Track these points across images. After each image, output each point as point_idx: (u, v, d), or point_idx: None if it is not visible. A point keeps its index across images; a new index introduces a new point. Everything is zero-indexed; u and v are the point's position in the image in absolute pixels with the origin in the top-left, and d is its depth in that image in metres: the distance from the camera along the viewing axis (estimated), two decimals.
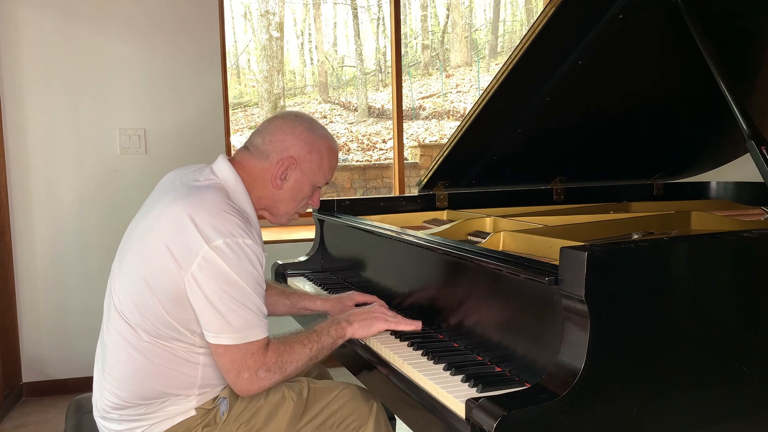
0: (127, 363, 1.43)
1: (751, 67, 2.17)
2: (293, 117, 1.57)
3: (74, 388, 3.19)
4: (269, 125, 1.55)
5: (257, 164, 1.52)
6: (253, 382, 1.39)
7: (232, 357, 1.37)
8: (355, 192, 9.63)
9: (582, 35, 1.87)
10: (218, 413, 1.48)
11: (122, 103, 3.33)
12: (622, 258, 1.11)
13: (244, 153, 1.55)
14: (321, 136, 1.56)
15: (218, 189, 1.44)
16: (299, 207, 1.60)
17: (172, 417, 1.45)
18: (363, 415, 1.56)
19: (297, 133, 1.53)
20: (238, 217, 1.39)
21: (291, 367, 1.43)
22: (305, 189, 1.56)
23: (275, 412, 1.51)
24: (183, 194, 1.41)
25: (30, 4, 3.20)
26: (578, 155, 2.40)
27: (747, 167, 1.87)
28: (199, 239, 1.33)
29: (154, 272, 1.37)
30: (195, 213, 1.36)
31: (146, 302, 1.39)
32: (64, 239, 3.31)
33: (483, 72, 13.28)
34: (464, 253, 1.42)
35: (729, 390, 1.21)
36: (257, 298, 1.39)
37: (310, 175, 1.55)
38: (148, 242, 1.40)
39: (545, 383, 1.08)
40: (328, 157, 1.57)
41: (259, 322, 1.39)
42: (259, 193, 1.53)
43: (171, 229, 1.37)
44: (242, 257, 1.35)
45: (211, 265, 1.33)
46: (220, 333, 1.36)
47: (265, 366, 1.39)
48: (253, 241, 1.38)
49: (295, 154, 1.51)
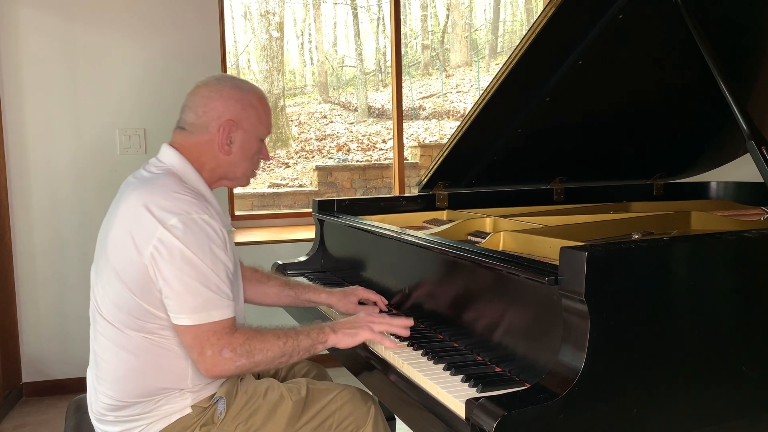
0: (117, 364, 1.44)
1: (751, 67, 2.17)
2: (215, 81, 1.56)
3: (74, 388, 3.18)
4: (195, 98, 1.55)
5: (200, 139, 1.52)
6: (217, 362, 1.36)
7: (192, 334, 1.36)
8: (355, 192, 9.63)
9: (582, 35, 1.87)
10: (216, 413, 1.48)
11: (122, 103, 3.33)
12: (622, 258, 1.11)
13: (183, 134, 1.54)
14: (248, 90, 1.57)
15: (168, 174, 1.46)
16: (254, 164, 1.61)
17: (168, 415, 1.45)
18: (361, 417, 1.56)
19: (225, 95, 1.53)
20: (191, 195, 1.41)
21: (260, 355, 1.40)
22: (253, 145, 1.57)
23: (274, 412, 1.51)
24: (135, 188, 1.44)
25: (30, 4, 3.20)
26: (578, 155, 2.40)
27: (747, 167, 1.87)
28: (154, 222, 1.35)
29: (121, 263, 1.39)
30: (148, 200, 1.38)
31: (122, 296, 1.40)
32: (64, 239, 3.31)
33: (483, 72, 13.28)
34: (464, 253, 1.42)
35: (729, 390, 1.21)
36: (217, 277, 1.37)
37: (253, 131, 1.55)
38: (112, 238, 1.42)
39: (545, 383, 1.08)
40: (262, 106, 1.57)
41: (219, 302, 1.37)
42: (212, 166, 1.53)
43: (129, 219, 1.39)
44: (198, 233, 1.36)
45: (166, 245, 1.34)
46: (179, 313, 1.36)
47: (230, 346, 1.37)
48: (209, 216, 1.39)
49: (231, 116, 1.51)
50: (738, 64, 2.06)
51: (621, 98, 2.17)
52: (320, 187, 9.73)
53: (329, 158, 11.27)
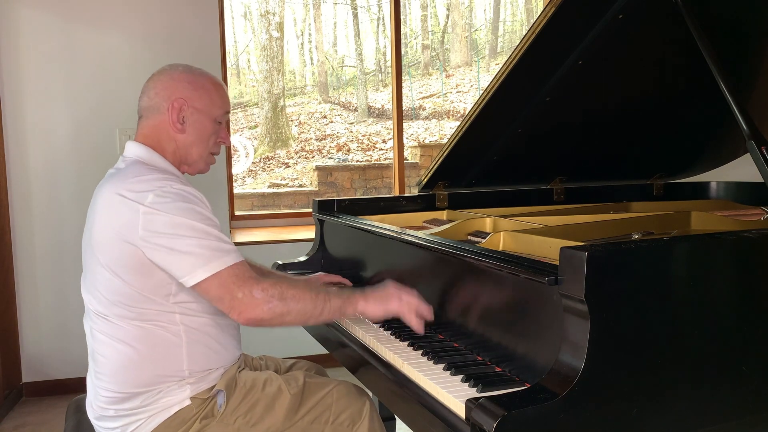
0: (114, 357, 1.46)
1: (751, 67, 2.17)
2: (168, 67, 1.60)
3: (74, 388, 3.18)
4: (148, 83, 1.58)
5: (154, 121, 1.55)
6: (250, 302, 1.37)
7: (218, 284, 1.37)
8: (355, 192, 9.63)
9: (582, 35, 1.87)
10: (215, 406, 1.49)
11: (122, 103, 3.33)
12: (622, 258, 1.11)
13: (141, 122, 1.58)
14: (200, 73, 1.59)
15: (135, 164, 1.51)
16: (211, 146, 1.61)
17: (167, 408, 1.46)
18: (357, 411, 1.58)
19: (176, 76, 1.56)
20: (161, 173, 1.46)
21: (292, 302, 1.40)
22: (207, 126, 1.57)
23: (272, 405, 1.53)
24: (106, 182, 1.49)
25: (30, 4, 3.20)
26: (578, 155, 2.40)
27: (747, 167, 1.87)
28: (133, 204, 1.38)
29: (111, 256, 1.41)
30: (120, 188, 1.42)
31: (115, 288, 1.42)
32: (64, 239, 3.31)
33: (483, 72, 13.29)
34: (464, 253, 1.42)
35: (729, 390, 1.21)
36: (212, 229, 1.40)
37: (206, 111, 1.56)
38: (96, 236, 1.45)
39: (545, 383, 1.07)
40: (215, 89, 1.59)
41: (227, 248, 1.40)
42: (171, 149, 1.56)
43: (107, 213, 1.43)
44: (177, 200, 1.39)
45: (153, 221, 1.37)
46: (193, 271, 1.37)
47: (260, 286, 1.38)
48: (183, 184, 1.43)
49: (182, 95, 1.53)
50: (738, 64, 2.06)
51: (621, 98, 2.17)
52: (320, 187, 9.73)
53: (329, 158, 11.27)
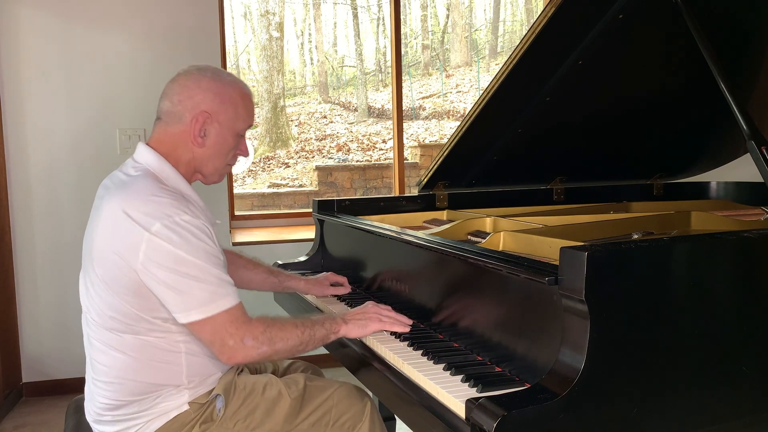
0: (112, 365, 1.44)
1: (751, 67, 2.17)
2: (195, 70, 1.50)
3: (74, 388, 3.18)
4: (173, 85, 1.49)
5: (173, 130, 1.48)
6: (240, 349, 1.37)
7: (210, 329, 1.36)
8: (355, 192, 9.64)
9: (582, 35, 1.87)
10: (214, 410, 1.48)
11: (122, 103, 3.33)
12: (622, 258, 1.11)
13: (159, 125, 1.51)
14: (229, 83, 1.51)
15: (145, 176, 1.43)
16: (228, 160, 1.56)
17: (166, 413, 1.45)
18: (358, 413, 1.57)
19: (203, 85, 1.47)
20: (170, 197, 1.38)
21: (280, 343, 1.42)
22: (229, 141, 1.52)
23: (272, 410, 1.52)
24: (114, 193, 1.42)
25: (30, 4, 3.20)
26: (578, 155, 2.40)
27: (747, 167, 1.87)
28: (138, 229, 1.33)
29: (110, 274, 1.38)
30: (127, 206, 1.36)
31: (113, 304, 1.40)
32: (64, 239, 3.31)
33: (483, 72, 13.29)
34: (464, 253, 1.42)
35: (729, 390, 1.21)
36: (214, 269, 1.37)
37: (229, 125, 1.50)
38: (96, 248, 1.41)
39: (545, 383, 1.08)
40: (242, 101, 1.52)
41: (224, 291, 1.37)
42: (186, 159, 1.50)
43: (111, 229, 1.37)
44: (184, 234, 1.34)
45: (156, 251, 1.33)
46: (188, 311, 1.35)
47: (251, 334, 1.38)
48: (191, 216, 1.37)
49: (207, 107, 1.46)
50: (738, 64, 2.06)
51: (621, 98, 2.17)
52: (320, 187, 9.73)
53: (329, 158, 11.28)
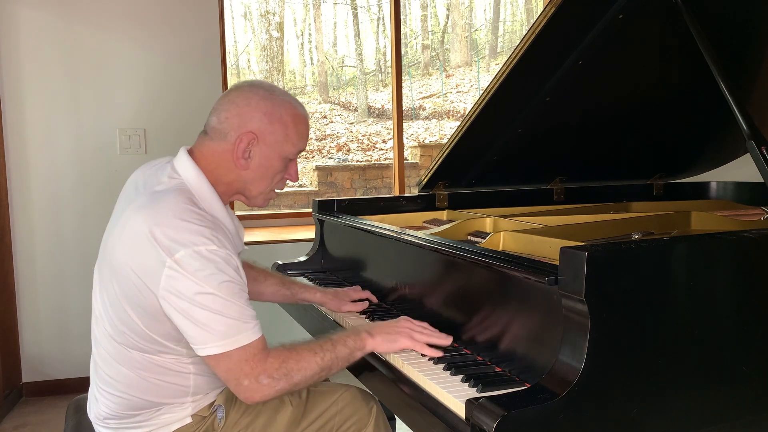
0: (117, 378, 1.40)
1: (751, 67, 2.17)
2: (248, 87, 1.42)
3: (74, 388, 3.18)
4: (223, 100, 1.41)
5: (217, 147, 1.39)
6: (256, 390, 1.29)
7: (225, 366, 1.28)
8: (355, 192, 9.63)
9: (582, 35, 1.87)
10: (215, 420, 1.46)
11: (122, 103, 3.33)
12: (622, 258, 1.11)
13: (204, 138, 1.42)
14: (281, 102, 1.41)
15: (179, 192, 1.34)
16: (274, 184, 1.46)
17: (168, 425, 1.43)
18: (363, 418, 1.56)
19: (253, 104, 1.38)
20: (200, 222, 1.29)
21: (298, 375, 1.32)
22: (275, 164, 1.42)
23: (273, 418, 1.50)
24: (144, 204, 1.33)
25: (30, 4, 3.20)
26: (578, 155, 2.40)
27: (747, 167, 1.87)
28: (161, 254, 1.25)
29: (127, 291, 1.32)
30: (155, 225, 1.27)
31: (125, 319, 1.35)
32: (64, 239, 3.31)
33: (483, 72, 13.29)
34: (464, 253, 1.42)
35: (729, 390, 1.21)
36: (235, 303, 1.28)
37: (277, 148, 1.40)
38: (117, 262, 1.33)
39: (545, 383, 1.08)
40: (293, 124, 1.42)
41: (244, 326, 1.28)
42: (227, 179, 1.41)
43: (134, 246, 1.29)
44: (207, 265, 1.26)
45: (178, 281, 1.25)
46: (205, 344, 1.27)
47: (266, 372, 1.29)
48: (218, 246, 1.28)
49: (254, 127, 1.37)
50: (738, 64, 2.06)
51: (621, 98, 2.17)
52: (320, 187, 9.73)
53: (329, 158, 11.27)
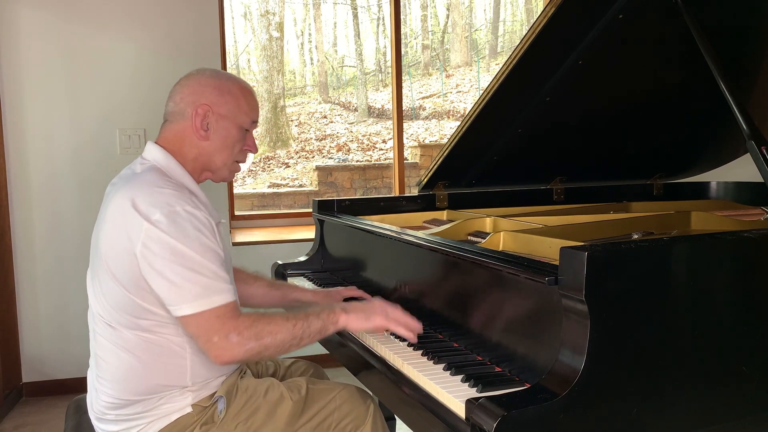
0: (117, 364, 1.44)
1: (751, 67, 2.17)
2: (195, 71, 1.58)
3: (74, 388, 3.18)
4: (175, 87, 1.57)
5: (178, 127, 1.53)
6: (225, 347, 1.35)
7: (197, 324, 1.35)
8: (355, 192, 9.63)
9: (582, 35, 1.87)
10: (216, 412, 1.48)
11: (122, 103, 3.33)
12: (622, 258, 1.11)
13: (164, 125, 1.56)
14: (228, 78, 1.57)
15: (152, 170, 1.47)
16: (235, 154, 1.57)
17: (168, 414, 1.45)
18: (360, 416, 1.57)
19: (203, 81, 1.53)
20: (174, 188, 1.41)
21: (269, 338, 1.38)
22: (233, 133, 1.54)
23: (273, 412, 1.52)
24: (121, 186, 1.44)
25: (30, 4, 3.20)
26: (578, 155, 2.40)
27: (747, 167, 1.87)
28: (139, 218, 1.35)
29: (114, 261, 1.39)
30: (133, 195, 1.38)
31: (117, 295, 1.40)
32: (64, 239, 3.31)
33: (483, 72, 13.28)
34: (464, 253, 1.42)
35: (729, 390, 1.21)
36: (209, 263, 1.36)
37: (232, 117, 1.53)
38: (104, 238, 1.42)
39: (545, 383, 1.08)
40: (243, 95, 1.55)
41: (218, 286, 1.36)
42: (193, 155, 1.53)
43: (118, 218, 1.39)
44: (182, 224, 1.35)
45: (154, 240, 1.34)
46: (179, 304, 1.35)
47: (236, 330, 1.35)
48: (193, 207, 1.39)
49: (207, 100, 1.51)
50: (738, 64, 2.06)
51: (621, 98, 2.17)
52: (320, 187, 9.73)
53: (329, 158, 11.27)
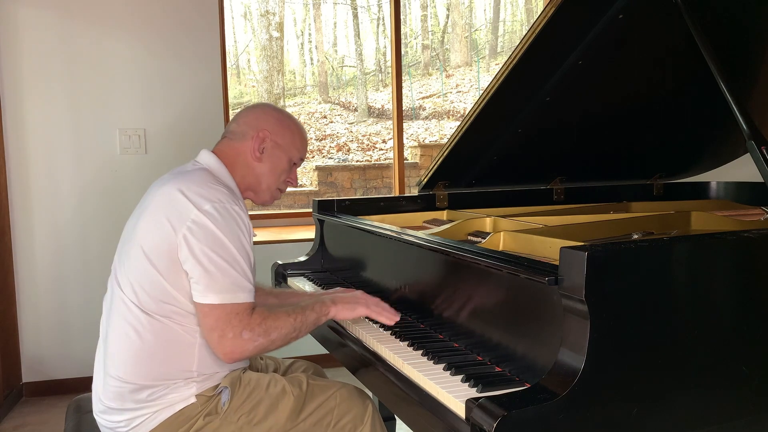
0: (127, 344, 1.48)
1: (751, 67, 2.17)
2: (261, 104, 1.78)
3: (74, 388, 3.19)
4: (241, 112, 1.72)
5: (237, 146, 1.65)
6: (237, 344, 1.43)
7: (216, 316, 1.43)
8: (355, 192, 9.63)
9: (582, 35, 1.87)
10: (219, 403, 1.50)
11: (122, 103, 3.33)
12: (622, 258, 1.11)
13: (224, 140, 1.69)
14: (289, 115, 1.73)
15: (203, 171, 1.58)
16: (279, 183, 1.70)
17: (172, 404, 1.48)
18: (359, 415, 1.58)
19: (268, 111, 1.70)
20: (225, 188, 1.52)
21: (275, 333, 1.48)
22: (283, 162, 1.68)
23: (276, 405, 1.54)
24: (169, 179, 1.54)
25: (30, 4, 3.20)
26: (578, 155, 2.40)
27: (747, 167, 1.87)
28: (189, 205, 1.45)
29: (151, 243, 1.46)
30: (184, 186, 1.48)
31: (147, 275, 1.46)
32: (64, 239, 3.31)
33: (483, 72, 13.28)
34: (464, 253, 1.42)
35: (729, 390, 1.21)
36: (244, 263, 1.46)
37: (286, 149, 1.68)
38: (144, 221, 1.50)
39: (545, 383, 1.08)
40: (299, 134, 1.71)
41: (245, 285, 1.46)
42: (242, 173, 1.65)
43: (164, 203, 1.48)
44: (230, 220, 1.46)
45: (200, 227, 1.43)
46: (206, 292, 1.42)
47: (248, 327, 1.44)
48: (240, 208, 1.50)
49: (268, 128, 1.65)
50: (738, 64, 2.06)
51: (621, 98, 2.17)
52: (320, 187, 9.72)
53: (329, 158, 11.27)
